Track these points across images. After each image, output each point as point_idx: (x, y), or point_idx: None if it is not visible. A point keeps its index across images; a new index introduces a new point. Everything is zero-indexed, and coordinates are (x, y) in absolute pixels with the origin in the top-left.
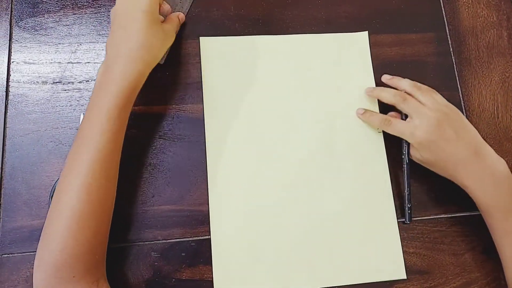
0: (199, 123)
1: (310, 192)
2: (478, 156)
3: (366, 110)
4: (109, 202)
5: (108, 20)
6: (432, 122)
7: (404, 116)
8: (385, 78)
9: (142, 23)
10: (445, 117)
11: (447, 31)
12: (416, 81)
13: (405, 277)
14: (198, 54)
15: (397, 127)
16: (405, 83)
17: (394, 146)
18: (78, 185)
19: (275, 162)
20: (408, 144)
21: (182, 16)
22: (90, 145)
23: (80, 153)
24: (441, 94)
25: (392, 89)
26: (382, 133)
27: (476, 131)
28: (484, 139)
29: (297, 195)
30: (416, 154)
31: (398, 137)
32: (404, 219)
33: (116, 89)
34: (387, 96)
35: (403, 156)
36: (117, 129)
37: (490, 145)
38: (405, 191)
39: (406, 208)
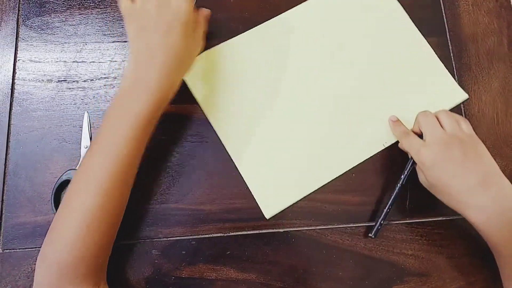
0: (201, 122)
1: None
2: (486, 186)
3: (397, 120)
4: (121, 208)
5: (114, 20)
6: (442, 143)
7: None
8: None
9: (180, 34)
10: (458, 141)
11: (448, 37)
12: None
13: (467, 96)
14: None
15: (409, 141)
16: (441, 111)
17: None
18: (93, 189)
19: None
20: (413, 163)
21: (207, 13)
22: (112, 150)
23: (99, 157)
24: None
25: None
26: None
27: (493, 161)
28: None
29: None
30: (421, 176)
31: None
32: (370, 233)
33: (149, 98)
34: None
35: (402, 175)
36: (143, 137)
37: (490, 151)
38: (386, 208)
39: (378, 224)
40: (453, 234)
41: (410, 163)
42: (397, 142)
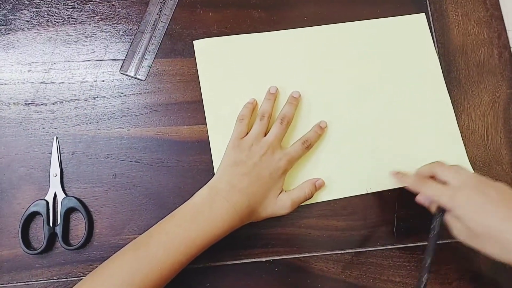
0: (178, 146)
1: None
2: None
3: (398, 172)
4: None
5: (85, 37)
6: (472, 184)
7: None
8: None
9: (268, 186)
10: (482, 181)
11: (437, 49)
12: None
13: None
14: (180, 73)
15: (433, 188)
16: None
17: None
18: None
19: None
20: (442, 214)
21: (320, 183)
22: (153, 263)
23: (136, 263)
24: None
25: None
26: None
27: None
28: (474, 162)
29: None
30: (457, 226)
31: None
32: None
33: (213, 232)
34: (425, 169)
35: (431, 233)
36: (187, 261)
37: (480, 168)
38: (426, 263)
39: (424, 279)
40: (443, 258)
41: (440, 215)
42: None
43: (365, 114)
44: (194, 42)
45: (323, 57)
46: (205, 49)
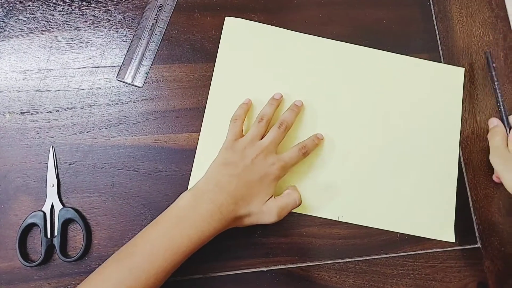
0: (177, 154)
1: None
2: None
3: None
4: None
5: (81, 43)
6: None
7: None
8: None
9: (257, 189)
10: None
11: (441, 52)
12: None
13: (454, 241)
14: (178, 80)
15: None
16: None
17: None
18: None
19: None
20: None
21: (296, 198)
22: (137, 273)
23: (121, 274)
24: None
25: None
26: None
27: None
28: (479, 167)
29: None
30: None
31: None
32: None
33: (198, 236)
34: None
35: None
36: (173, 269)
37: (484, 174)
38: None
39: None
40: (447, 266)
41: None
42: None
43: (368, 144)
44: (226, 18)
45: (345, 75)
46: (234, 29)
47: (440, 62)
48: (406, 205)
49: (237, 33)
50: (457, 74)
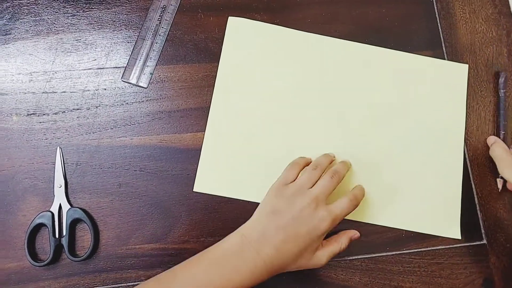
0: (182, 154)
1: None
2: None
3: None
4: None
5: (86, 44)
6: None
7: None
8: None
9: (299, 247)
10: None
11: (444, 49)
12: None
13: (460, 238)
14: (182, 80)
15: None
16: None
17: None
18: None
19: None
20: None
21: (355, 236)
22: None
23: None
24: None
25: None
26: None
27: None
28: (483, 164)
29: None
30: None
31: None
32: None
33: (239, 281)
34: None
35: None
36: None
37: (489, 170)
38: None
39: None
40: (453, 263)
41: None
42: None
43: (373, 142)
44: (229, 18)
45: (349, 74)
46: (237, 28)
47: (444, 59)
48: (412, 203)
49: (241, 33)
50: (461, 70)
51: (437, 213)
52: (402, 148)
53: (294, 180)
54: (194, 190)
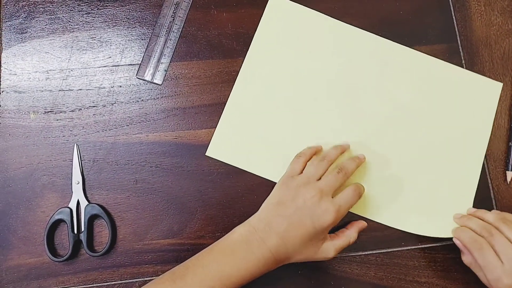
0: (197, 150)
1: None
2: None
3: (463, 216)
4: None
5: (101, 42)
6: None
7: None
8: (470, 211)
9: (302, 239)
10: None
11: (459, 42)
12: None
13: None
14: (196, 76)
15: (486, 259)
16: (490, 216)
17: None
18: None
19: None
20: None
21: (362, 225)
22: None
23: (175, 285)
24: None
25: (480, 221)
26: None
27: None
28: (499, 157)
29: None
30: (480, 274)
31: None
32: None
33: (249, 270)
34: (473, 226)
35: None
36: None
37: (504, 163)
38: None
39: None
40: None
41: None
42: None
43: (388, 140)
44: None
45: (381, 73)
46: (278, 8)
47: (459, 52)
48: (422, 207)
49: (279, 13)
50: (494, 88)
51: (447, 219)
52: (419, 150)
53: (301, 171)
54: (206, 154)
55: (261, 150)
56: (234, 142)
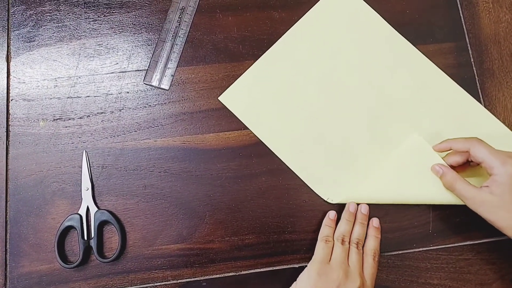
0: (205, 154)
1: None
2: None
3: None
4: None
5: (108, 49)
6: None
7: None
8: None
9: None
10: None
11: (467, 40)
12: None
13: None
14: (203, 81)
15: (487, 149)
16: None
17: None
18: None
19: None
20: None
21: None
22: None
23: None
24: None
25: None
26: None
27: None
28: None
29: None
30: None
31: None
32: None
33: None
34: (458, 144)
35: None
36: None
37: None
38: None
39: None
40: (482, 259)
41: None
42: None
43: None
44: None
45: (410, 86)
46: (330, 3)
47: (468, 50)
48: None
49: (329, 9)
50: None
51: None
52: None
53: (330, 254)
54: (218, 98)
55: (270, 117)
56: (249, 98)
